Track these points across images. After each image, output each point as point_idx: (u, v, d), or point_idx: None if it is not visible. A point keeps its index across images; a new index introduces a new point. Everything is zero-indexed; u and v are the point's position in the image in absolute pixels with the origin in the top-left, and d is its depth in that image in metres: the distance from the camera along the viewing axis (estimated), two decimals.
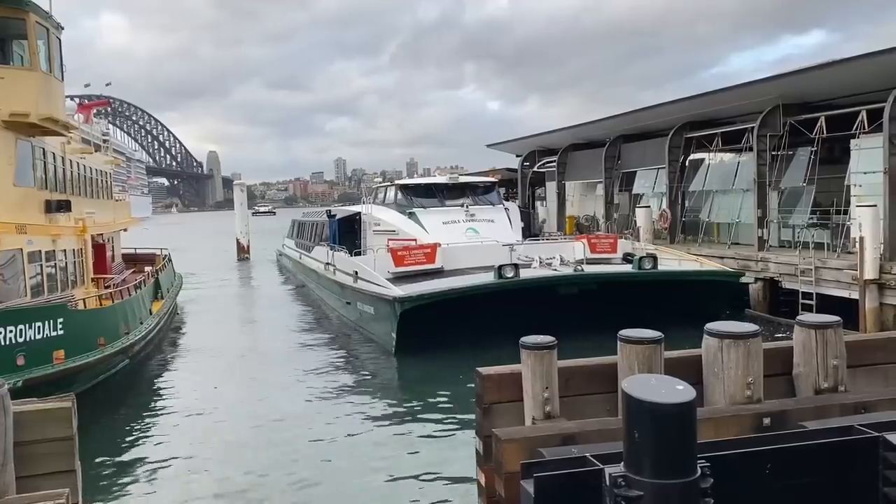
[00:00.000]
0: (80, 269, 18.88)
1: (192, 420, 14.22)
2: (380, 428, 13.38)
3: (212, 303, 31.04)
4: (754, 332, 6.77)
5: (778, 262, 21.96)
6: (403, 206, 26.82)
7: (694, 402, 4.06)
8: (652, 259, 20.99)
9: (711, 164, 29.53)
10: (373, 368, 18.36)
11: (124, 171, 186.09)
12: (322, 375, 17.59)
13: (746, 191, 26.14)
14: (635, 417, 4.02)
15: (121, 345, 15.99)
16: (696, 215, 29.47)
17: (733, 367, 6.66)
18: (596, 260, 22.60)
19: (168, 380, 17.58)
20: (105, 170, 25.60)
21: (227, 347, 21.36)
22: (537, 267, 20.88)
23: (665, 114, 30.06)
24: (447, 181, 28.08)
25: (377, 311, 20.50)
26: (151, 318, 20.07)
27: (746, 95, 25.06)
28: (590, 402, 7.00)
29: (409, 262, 21.39)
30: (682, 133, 29.43)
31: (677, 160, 29.86)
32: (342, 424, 13.59)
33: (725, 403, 6.69)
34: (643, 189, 33.59)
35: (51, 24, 17.20)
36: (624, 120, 33.56)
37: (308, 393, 15.92)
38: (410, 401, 15.31)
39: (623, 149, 34.63)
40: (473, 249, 22.34)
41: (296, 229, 43.77)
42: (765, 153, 24.44)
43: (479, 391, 7.02)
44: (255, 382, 17.07)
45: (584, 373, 7.13)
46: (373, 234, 26.77)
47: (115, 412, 14.66)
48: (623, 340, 6.84)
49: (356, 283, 22.22)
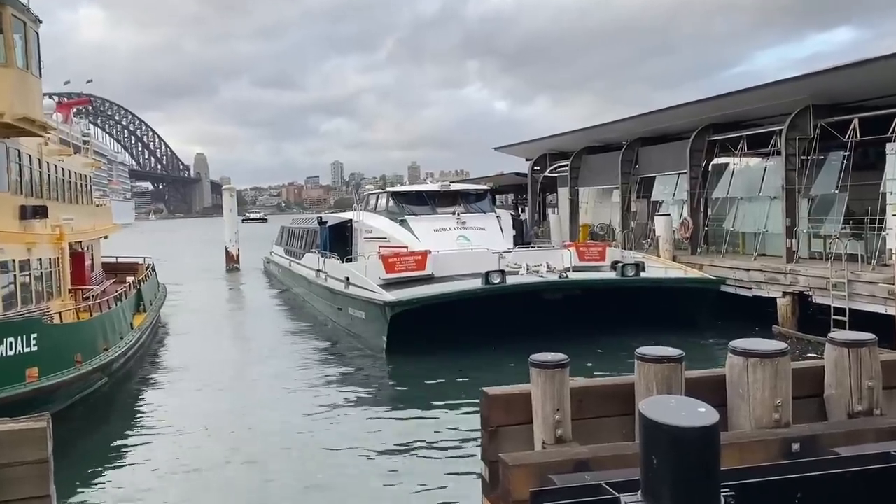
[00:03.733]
0: (56, 280, 18.91)
1: (175, 441, 14.20)
2: (375, 444, 13.49)
3: (198, 316, 31.04)
4: (782, 350, 6.75)
5: (808, 275, 21.91)
6: (395, 214, 28.65)
7: (717, 426, 4.05)
8: (635, 266, 22.95)
9: (736, 170, 29.49)
10: (364, 375, 19.42)
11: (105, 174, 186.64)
12: (312, 389, 17.86)
13: (774, 198, 26.09)
14: (654, 442, 4.01)
15: (99, 362, 16.00)
16: (719, 224, 29.41)
17: (760, 388, 6.64)
18: (584, 268, 24.28)
19: (150, 399, 17.56)
20: (85, 173, 25.69)
21: (213, 363, 21.39)
22: (524, 274, 22.71)
23: (686, 115, 30.04)
24: (439, 189, 29.83)
25: (368, 315, 22.18)
26: (133, 333, 20.07)
27: (774, 96, 25.05)
28: (604, 425, 6.98)
29: (400, 268, 22.98)
30: (705, 136, 29.40)
31: (699, 165, 29.81)
32: (334, 445, 13.62)
33: (751, 427, 6.66)
34: (663, 196, 33.52)
35: (28, 18, 17.29)
36: (642, 121, 33.55)
37: (297, 408, 16.03)
38: (406, 409, 15.94)
39: (641, 152, 34.61)
40: (463, 256, 23.92)
41: (285, 236, 45.16)
42: (794, 158, 24.40)
43: (484, 412, 7.00)
44: (242, 400, 17.12)
45: (599, 393, 7.11)
46: (364, 242, 28.33)
47: (93, 434, 14.63)
48: (641, 359, 6.82)
49: (347, 289, 23.89)
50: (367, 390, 17.85)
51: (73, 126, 28.75)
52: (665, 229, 29.63)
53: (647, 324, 21.07)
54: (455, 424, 14.37)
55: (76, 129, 28.57)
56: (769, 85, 25.50)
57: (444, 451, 13.03)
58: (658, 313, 22.02)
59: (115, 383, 17.71)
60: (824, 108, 24.02)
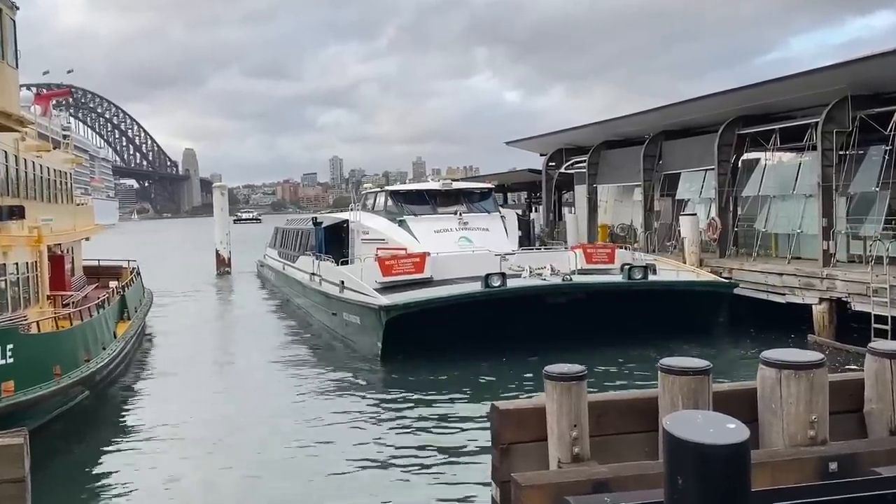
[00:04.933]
0: (33, 286, 18.97)
1: (161, 458, 14.22)
2: (369, 463, 13.52)
3: (186, 323, 31.11)
4: (818, 361, 6.73)
5: (846, 280, 21.83)
6: (393, 214, 29.10)
7: (748, 444, 4.04)
8: (642, 269, 23.21)
9: (768, 166, 29.43)
10: (358, 385, 19.60)
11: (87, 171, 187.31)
12: (303, 402, 17.99)
13: (809, 196, 26.04)
14: (679, 461, 4.00)
15: (80, 374, 16.03)
16: (750, 225, 29.36)
17: (794, 402, 6.62)
18: (591, 271, 24.47)
19: (135, 414, 17.60)
20: (65, 170, 25.81)
21: (201, 375, 21.45)
22: (527, 276, 23.00)
23: (714, 107, 30.01)
24: (440, 187, 30.10)
25: (363, 320, 22.59)
26: (116, 343, 20.12)
27: (809, 85, 24.99)
28: (625, 442, 6.97)
29: (398, 271, 23.29)
30: (734, 129, 29.36)
31: (728, 160, 29.77)
32: (326, 463, 13.66)
33: (785, 445, 6.64)
34: (688, 194, 33.48)
35: (4, 4, 17.38)
36: (666, 113, 33.53)
37: (287, 424, 16.09)
38: (404, 424, 15.96)
39: (665, 147, 34.60)
40: (464, 259, 24.18)
41: (279, 238, 45.50)
42: (831, 152, 24.34)
43: (495, 429, 6.99)
44: (232, 415, 17.14)
45: (619, 408, 7.10)
46: (361, 244, 28.57)
47: (73, 451, 14.67)
48: (665, 371, 6.81)
49: (342, 293, 24.28)
50: (360, 402, 17.85)
51: (53, 119, 28.88)
52: (691, 230, 29.55)
53: (656, 330, 21.42)
54: (458, 440, 14.39)
55: (55, 123, 28.69)
56: (804, 74, 25.46)
57: (448, 470, 13.02)
58: (668, 319, 22.22)
59: (96, 397, 17.71)
60: (864, 98, 23.95)
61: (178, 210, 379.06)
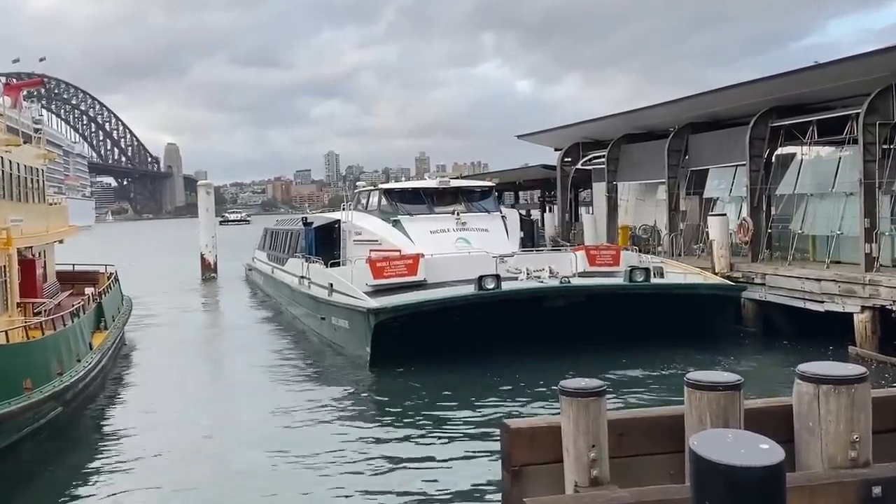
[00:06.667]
0: (2, 293, 19.02)
1: (141, 480, 14.21)
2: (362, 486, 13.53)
3: (168, 333, 31.23)
4: (860, 375, 6.71)
5: (891, 286, 21.79)
6: (388, 214, 29.52)
7: (783, 466, 4.03)
8: (645, 271, 23.84)
9: (805, 161, 29.41)
10: (347, 394, 19.98)
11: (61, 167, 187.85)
12: (291, 417, 18.02)
13: (850, 194, 26.00)
14: (707, 485, 3.99)
15: (53, 388, 16.05)
16: (785, 226, 29.32)
17: (833, 420, 6.60)
18: (594, 273, 25.20)
19: (112, 431, 17.58)
20: (36, 166, 25.86)
21: (184, 389, 21.48)
22: (524, 279, 23.59)
23: (745, 96, 30.00)
24: (437, 185, 30.65)
25: (352, 325, 23.16)
26: (92, 354, 20.16)
27: (849, 73, 24.97)
28: (649, 463, 6.96)
29: (389, 273, 23.98)
30: (767, 121, 29.33)
31: (761, 155, 29.73)
32: (314, 485, 13.69)
33: (823, 467, 6.63)
34: (717, 192, 33.50)
35: None
36: (692, 104, 33.52)
37: (273, 443, 16.04)
38: (394, 434, 16.28)
39: (691, 141, 34.58)
40: (459, 261, 24.78)
41: (268, 240, 46.09)
42: (873, 146, 24.30)
43: (506, 449, 6.99)
44: (216, 433, 17.13)
45: (642, 426, 7.09)
46: (353, 245, 29.27)
47: (44, 472, 14.66)
48: (692, 385, 6.79)
49: (331, 297, 24.86)
50: (349, 414, 18.03)
51: (23, 111, 28.94)
52: (720, 232, 29.49)
53: (659, 335, 21.88)
54: (459, 460, 14.33)
55: (26, 115, 28.76)
56: (843, 60, 25.44)
57: (449, 494, 13.02)
58: (671, 324, 22.71)
59: (70, 413, 17.75)
60: None
61: (159, 210, 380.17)
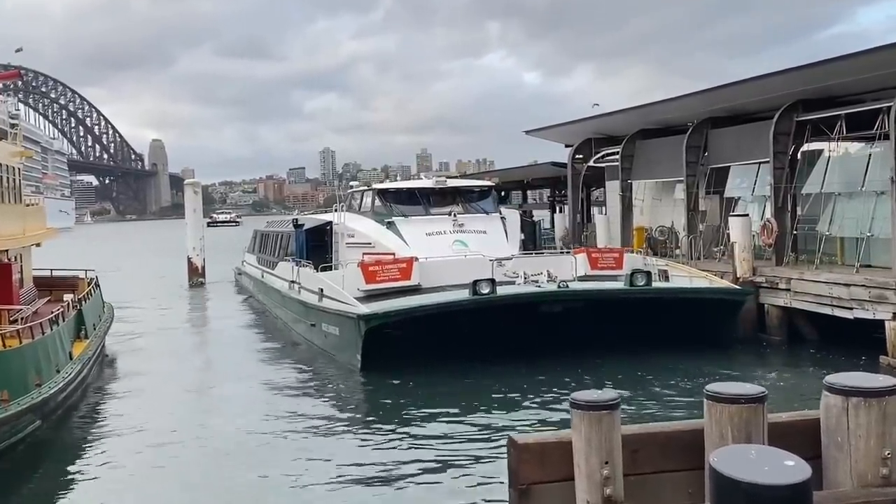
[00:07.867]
0: None
1: (122, 498, 14.24)
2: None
3: (153, 343, 31.21)
4: (893, 387, 6.70)
5: None
6: (382, 215, 30.20)
7: (809, 484, 4.02)
8: (646, 275, 24.05)
9: (832, 158, 29.39)
10: (339, 404, 20.36)
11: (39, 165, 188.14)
12: (276, 427, 18.08)
13: (881, 193, 25.97)
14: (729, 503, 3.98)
15: (31, 401, 16.07)
16: (811, 227, 29.30)
17: (864, 435, 6.59)
18: (596, 277, 25.78)
19: (94, 446, 17.59)
20: (12, 164, 25.90)
21: (168, 402, 21.45)
22: (521, 283, 24.10)
23: (769, 89, 30.02)
24: (433, 185, 31.17)
25: (342, 331, 23.59)
26: (72, 365, 20.17)
27: (879, 64, 24.96)
28: (665, 481, 6.95)
29: (382, 278, 24.53)
30: (793, 115, 29.32)
31: (785, 152, 29.72)
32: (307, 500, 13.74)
33: (853, 485, 6.61)
34: (739, 191, 33.49)
35: None
36: (712, 98, 33.53)
37: (260, 455, 16.13)
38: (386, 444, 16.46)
39: (711, 137, 34.58)
40: (455, 264, 25.34)
41: (258, 242, 46.32)
42: None
43: (513, 466, 6.98)
44: (203, 449, 17.17)
45: (658, 442, 7.08)
46: (346, 248, 29.54)
47: (21, 490, 14.67)
48: (712, 398, 6.77)
49: (321, 302, 25.29)
50: (339, 424, 18.17)
51: None
52: (742, 234, 29.47)
53: (661, 342, 22.31)
54: (458, 476, 14.36)
55: (2, 110, 28.80)
56: (873, 50, 25.43)
57: None
58: (674, 330, 23.15)
59: (50, 427, 17.77)
60: None
61: (144, 211, 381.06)
